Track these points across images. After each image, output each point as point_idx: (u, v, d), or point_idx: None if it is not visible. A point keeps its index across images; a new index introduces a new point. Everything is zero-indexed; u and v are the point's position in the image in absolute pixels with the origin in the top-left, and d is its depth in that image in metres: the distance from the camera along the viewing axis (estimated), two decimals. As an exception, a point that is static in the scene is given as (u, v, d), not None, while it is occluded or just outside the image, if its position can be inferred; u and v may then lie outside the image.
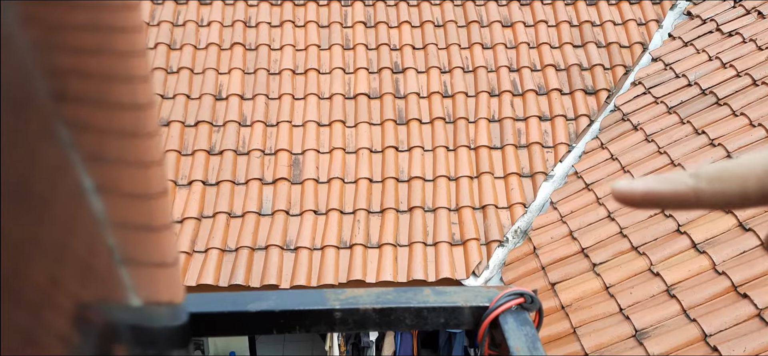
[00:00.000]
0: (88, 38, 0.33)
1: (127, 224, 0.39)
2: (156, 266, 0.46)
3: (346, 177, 4.42)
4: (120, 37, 0.37)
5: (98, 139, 0.34)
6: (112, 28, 0.36)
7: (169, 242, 0.47)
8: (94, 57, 0.34)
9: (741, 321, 2.95)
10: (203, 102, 4.74)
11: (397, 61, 5.03)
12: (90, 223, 0.33)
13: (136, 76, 0.40)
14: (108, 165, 0.36)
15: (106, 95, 0.35)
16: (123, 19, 0.38)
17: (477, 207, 4.27)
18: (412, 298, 0.81)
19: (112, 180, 0.36)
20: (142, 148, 0.41)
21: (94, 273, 0.34)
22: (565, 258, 3.72)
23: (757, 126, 3.85)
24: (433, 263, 4.02)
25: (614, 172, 4.10)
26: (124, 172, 0.39)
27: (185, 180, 4.39)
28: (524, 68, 4.94)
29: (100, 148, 0.35)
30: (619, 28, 5.15)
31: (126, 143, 0.39)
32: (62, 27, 0.30)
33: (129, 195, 0.40)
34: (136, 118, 0.40)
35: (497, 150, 4.56)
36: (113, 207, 0.36)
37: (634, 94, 4.61)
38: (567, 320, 3.37)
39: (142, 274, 0.42)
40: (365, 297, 0.82)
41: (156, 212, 0.44)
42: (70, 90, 0.31)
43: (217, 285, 3.95)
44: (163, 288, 0.47)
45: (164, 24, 5.14)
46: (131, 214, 0.40)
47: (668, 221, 3.57)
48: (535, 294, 0.79)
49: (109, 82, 0.36)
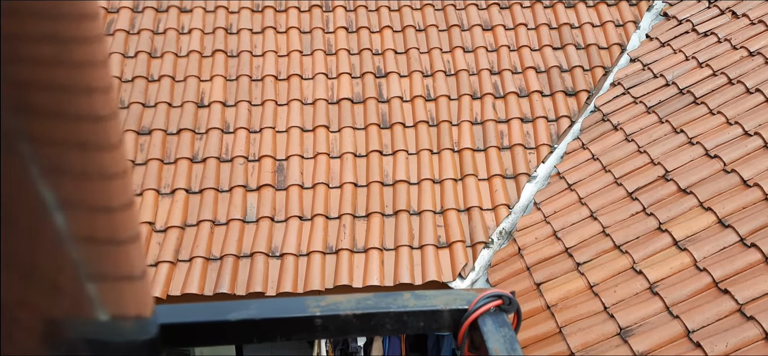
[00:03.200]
0: (47, 49, 0.32)
1: (91, 238, 0.38)
2: (122, 280, 0.45)
3: (330, 182, 4.42)
4: (79, 48, 0.37)
5: (59, 152, 0.34)
6: (71, 38, 0.36)
7: (135, 255, 0.46)
8: (52, 68, 0.33)
9: (723, 317, 2.99)
10: (185, 110, 4.71)
11: (380, 65, 5.05)
12: (54, 239, 0.32)
13: (96, 87, 0.39)
14: (70, 178, 0.35)
15: (66, 107, 0.35)
16: (81, 30, 0.37)
17: (462, 210, 4.29)
18: (392, 303, 0.82)
19: (75, 194, 0.36)
20: (105, 160, 0.41)
21: (61, 289, 0.34)
22: (549, 258, 3.75)
23: (733, 124, 3.92)
24: (420, 266, 4.03)
25: (596, 172, 4.15)
26: (87, 185, 0.38)
27: (168, 188, 4.35)
28: (505, 71, 4.98)
29: (61, 160, 0.34)
30: (598, 30, 5.22)
31: (87, 155, 0.38)
32: (19, 38, 0.29)
33: (92, 208, 0.39)
34: (97, 129, 0.39)
35: (480, 152, 4.59)
36: (76, 221, 0.35)
37: (613, 94, 4.67)
38: (553, 320, 3.39)
39: (109, 288, 0.41)
40: (345, 303, 0.82)
41: (121, 225, 0.43)
42: (29, 102, 0.30)
43: (203, 294, 3.92)
44: (130, 301, 0.46)
45: (145, 32, 5.10)
46: (95, 228, 0.39)
47: (650, 219, 3.62)
48: (513, 296, 0.79)
49: (68, 93, 0.35)
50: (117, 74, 4.86)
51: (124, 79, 4.87)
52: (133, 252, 0.46)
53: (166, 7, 5.27)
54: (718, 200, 3.50)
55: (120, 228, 0.44)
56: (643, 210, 3.69)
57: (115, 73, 4.85)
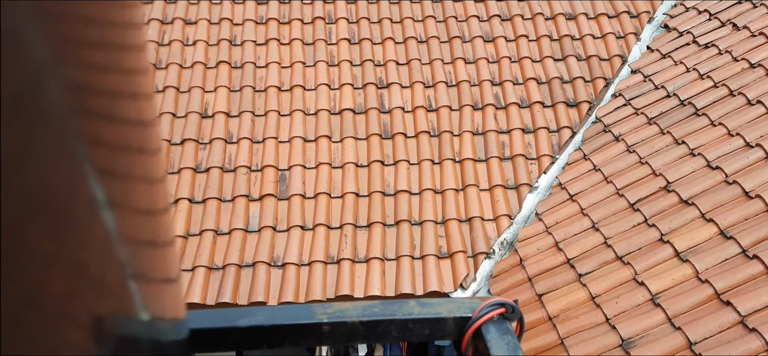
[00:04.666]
0: (100, 55, 0.34)
1: (135, 239, 0.40)
2: (162, 281, 0.46)
3: (332, 192, 4.43)
4: (128, 55, 0.38)
5: (109, 154, 0.35)
6: (121, 46, 0.37)
7: (173, 257, 0.48)
8: (106, 73, 0.35)
9: (725, 328, 2.99)
10: (189, 120, 4.74)
11: (382, 76, 5.08)
12: (103, 238, 0.34)
13: (142, 93, 0.40)
14: (117, 179, 0.36)
15: (116, 111, 0.36)
16: (129, 38, 0.39)
17: (463, 220, 4.30)
18: (397, 311, 0.83)
19: (122, 196, 0.37)
20: (149, 164, 0.42)
21: (108, 287, 0.35)
22: (551, 269, 3.75)
23: (735, 135, 3.93)
24: (421, 276, 4.04)
25: (597, 183, 4.16)
26: (133, 187, 0.39)
27: (171, 198, 4.37)
28: (506, 82, 5.00)
29: (111, 162, 0.35)
30: (599, 42, 5.25)
31: (134, 159, 0.39)
32: (76, 42, 0.31)
33: (137, 210, 0.40)
34: (142, 134, 0.41)
35: (482, 162, 4.60)
36: (123, 222, 0.36)
37: (614, 105, 4.69)
38: (554, 331, 3.39)
39: (150, 289, 0.43)
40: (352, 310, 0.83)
41: (161, 228, 0.45)
42: (86, 104, 0.32)
43: (204, 303, 3.92)
44: (168, 302, 0.47)
45: (149, 43, 5.14)
46: (139, 229, 0.41)
47: (651, 230, 3.62)
48: (516, 304, 0.81)
49: (118, 98, 0.37)
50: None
51: (128, 89, 4.90)
52: (170, 255, 0.47)
53: (171, 19, 5.31)
54: (719, 211, 3.51)
55: (160, 231, 0.45)
56: (645, 222, 3.70)
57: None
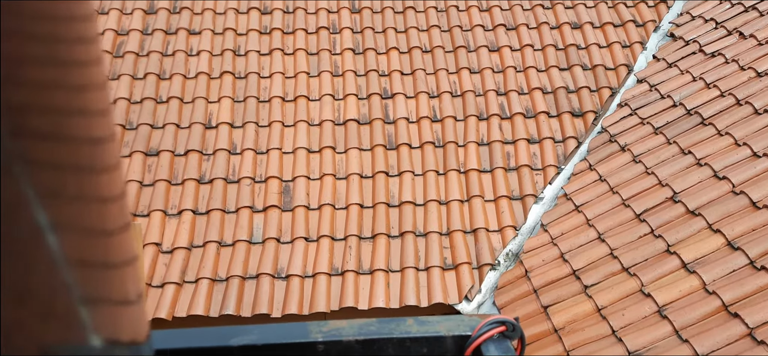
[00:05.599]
0: (43, 72, 0.32)
1: (86, 262, 0.38)
2: (117, 304, 0.45)
3: (336, 203, 4.41)
4: (76, 71, 0.37)
5: (55, 175, 0.34)
6: (69, 61, 0.36)
7: (131, 278, 0.46)
8: (49, 91, 0.33)
9: (733, 341, 2.95)
10: (193, 131, 4.74)
11: (386, 86, 5.07)
12: (48, 262, 0.32)
13: (94, 109, 0.39)
14: (65, 201, 0.35)
15: (63, 130, 0.35)
16: (79, 53, 0.37)
17: (468, 231, 4.27)
18: (394, 329, 0.81)
19: (70, 217, 0.36)
20: (101, 183, 0.40)
21: (55, 313, 0.34)
22: (556, 280, 3.71)
23: (742, 145, 3.90)
24: (426, 288, 4.01)
25: (603, 194, 4.13)
26: (82, 208, 0.38)
27: (175, 209, 4.36)
28: (512, 92, 4.99)
29: (57, 184, 0.34)
30: (604, 51, 5.23)
31: (83, 178, 0.38)
32: (17, 61, 0.29)
33: (87, 231, 0.39)
34: (94, 152, 0.39)
35: (487, 173, 4.58)
36: (71, 244, 0.35)
37: (620, 115, 4.66)
38: (560, 343, 3.35)
39: (103, 313, 0.41)
40: (348, 328, 0.81)
41: (116, 248, 0.43)
42: (26, 125, 0.30)
43: (208, 315, 3.90)
44: (124, 326, 0.46)
45: (154, 54, 5.16)
46: (90, 251, 0.39)
47: (658, 241, 3.58)
48: (516, 322, 0.79)
49: (65, 116, 0.35)
50: (126, 95, 4.91)
51: (133, 100, 4.91)
52: (128, 276, 0.46)
53: (175, 30, 5.34)
54: (727, 222, 3.47)
55: (116, 252, 0.43)
56: (652, 232, 3.66)
57: (124, 95, 4.90)
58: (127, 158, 4.60)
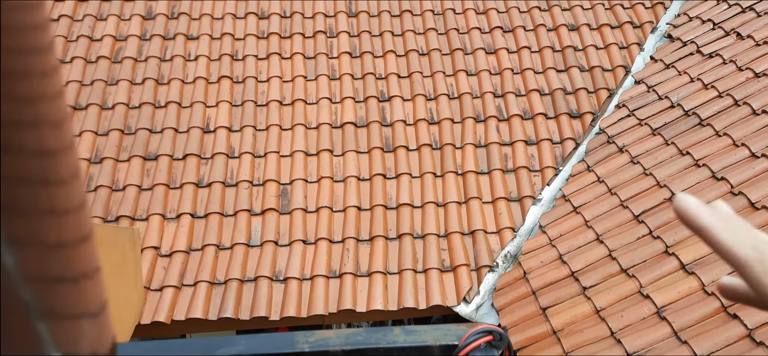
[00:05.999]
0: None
1: (42, 276, 0.38)
2: (77, 318, 0.44)
3: (334, 205, 4.41)
4: (25, 82, 0.36)
5: (5, 189, 0.33)
6: (14, 72, 0.35)
7: (91, 291, 0.45)
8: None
9: (732, 342, 2.94)
10: (191, 135, 4.74)
11: (383, 89, 5.07)
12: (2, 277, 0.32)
13: (44, 121, 0.38)
14: (18, 215, 0.34)
15: (12, 143, 0.34)
16: (28, 63, 0.36)
17: (466, 233, 4.27)
18: (381, 338, 0.81)
19: (23, 231, 0.35)
20: (55, 196, 0.40)
21: (10, 329, 0.33)
22: (555, 282, 3.71)
23: (740, 146, 3.89)
24: (424, 290, 4.00)
25: (602, 195, 4.12)
26: (36, 221, 0.37)
27: (174, 213, 4.36)
28: (509, 94, 4.98)
29: (8, 198, 0.33)
30: (602, 52, 5.22)
31: (36, 191, 0.37)
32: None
33: (43, 245, 0.38)
34: (46, 164, 0.38)
35: (484, 175, 4.57)
36: (25, 259, 0.34)
37: (618, 116, 4.66)
38: (559, 345, 3.34)
39: (62, 327, 0.40)
40: (334, 338, 0.81)
41: (74, 261, 0.43)
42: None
43: (207, 318, 3.90)
44: (85, 340, 0.45)
45: (152, 59, 5.16)
46: (46, 266, 0.39)
47: (656, 242, 3.58)
48: (504, 331, 0.78)
49: (12, 128, 0.34)
50: (125, 101, 4.91)
51: (131, 105, 4.92)
52: (88, 288, 0.45)
53: (173, 35, 5.34)
54: (725, 223, 3.46)
55: (73, 265, 0.43)
56: (650, 233, 3.66)
57: (122, 100, 4.90)
58: (126, 163, 4.60)
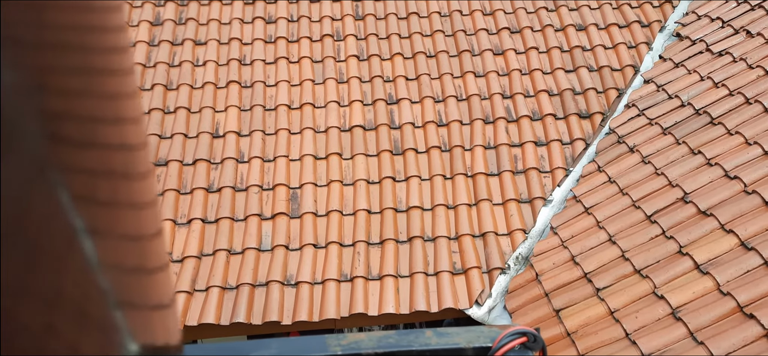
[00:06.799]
0: (77, 81, 0.33)
1: (120, 266, 0.39)
2: (151, 308, 0.45)
3: (344, 209, 4.41)
4: (109, 80, 0.37)
5: (89, 181, 0.34)
6: (102, 70, 0.36)
7: (164, 283, 0.46)
8: (83, 99, 0.34)
9: (749, 342, 2.92)
10: (200, 140, 4.75)
11: (391, 92, 5.07)
12: (83, 267, 0.33)
13: (126, 117, 0.40)
14: (99, 207, 0.36)
15: (96, 137, 0.35)
16: (112, 62, 0.38)
17: (477, 235, 4.25)
18: (414, 341, 0.80)
19: (104, 223, 0.36)
20: (134, 189, 0.41)
21: (89, 317, 0.34)
22: (568, 283, 3.69)
23: (752, 144, 3.86)
24: (436, 293, 3.99)
25: (613, 195, 4.10)
26: (116, 213, 0.38)
27: (184, 218, 4.37)
28: (517, 95, 4.97)
29: (91, 189, 0.34)
30: (610, 52, 5.21)
31: (117, 184, 0.39)
32: (51, 70, 0.30)
33: (122, 237, 0.39)
34: (127, 159, 0.40)
35: (494, 177, 4.56)
36: (106, 249, 0.35)
37: (628, 116, 4.64)
38: (573, 347, 3.33)
39: (138, 317, 0.41)
40: (367, 341, 0.80)
41: (150, 253, 0.44)
42: (60, 132, 0.31)
43: (219, 324, 3.90)
44: (159, 330, 0.46)
45: (160, 65, 5.18)
46: (125, 256, 0.40)
47: (670, 243, 3.55)
48: (537, 333, 0.77)
49: (98, 123, 0.36)
50: (133, 107, 4.93)
51: (140, 111, 4.93)
52: (161, 281, 0.46)
53: (181, 40, 5.36)
54: (739, 222, 3.44)
55: (149, 257, 0.44)
56: (663, 234, 3.63)
57: (131, 106, 4.92)
58: (135, 169, 4.62)
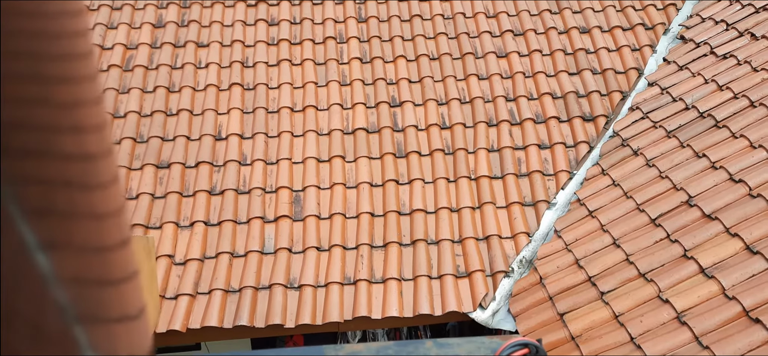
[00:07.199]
0: (26, 89, 0.32)
1: (80, 279, 0.38)
2: (115, 321, 0.44)
3: (347, 212, 4.40)
4: (66, 88, 0.36)
5: (43, 193, 0.33)
6: (54, 78, 0.35)
7: (130, 294, 0.45)
8: (35, 108, 0.32)
9: (755, 347, 2.89)
10: (203, 143, 4.75)
11: (394, 94, 5.06)
12: (37, 281, 0.32)
13: (85, 125, 0.38)
14: (56, 219, 0.34)
15: (52, 147, 0.34)
16: (70, 69, 0.36)
17: (480, 238, 4.24)
18: (413, 352, 0.79)
19: (61, 235, 0.35)
20: (95, 200, 0.40)
21: (45, 333, 0.33)
22: (572, 287, 3.67)
23: (757, 147, 3.84)
24: (439, 296, 3.97)
25: (617, 198, 4.08)
26: (75, 225, 0.37)
27: (187, 221, 4.37)
28: (521, 97, 4.96)
29: (46, 201, 0.33)
30: (614, 55, 5.19)
31: (75, 195, 0.37)
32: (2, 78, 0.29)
33: (81, 249, 0.38)
34: (86, 169, 0.39)
35: (498, 179, 4.55)
36: (63, 262, 0.34)
37: (632, 119, 4.62)
38: (578, 351, 3.31)
39: (101, 331, 0.40)
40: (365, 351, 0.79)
41: (114, 264, 0.43)
42: (11, 143, 0.30)
43: (222, 327, 3.89)
44: (124, 343, 0.45)
45: (163, 67, 5.19)
46: (85, 269, 0.39)
47: (674, 246, 3.53)
48: (539, 344, 0.76)
49: (54, 133, 0.34)
50: (136, 109, 4.93)
51: (143, 113, 4.94)
52: (127, 292, 0.45)
53: (184, 43, 5.36)
54: (744, 225, 3.42)
55: (112, 268, 0.43)
56: (668, 237, 3.61)
57: (134, 108, 4.92)
58: (139, 171, 4.61)
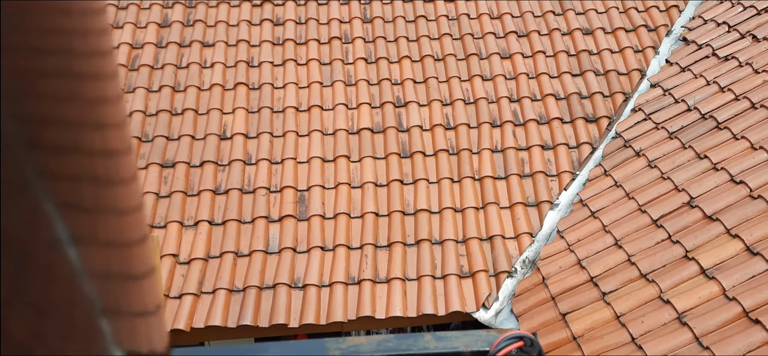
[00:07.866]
0: (59, 86, 0.33)
1: (105, 274, 0.38)
2: (137, 315, 0.44)
3: (352, 212, 4.43)
4: (92, 84, 0.37)
5: (72, 188, 0.34)
6: (84, 74, 0.36)
7: (149, 290, 0.46)
8: (65, 104, 0.33)
9: (755, 348, 2.91)
10: (208, 142, 4.79)
11: (399, 95, 5.09)
12: (68, 274, 0.33)
13: (109, 123, 0.39)
14: (84, 214, 0.35)
15: (79, 142, 0.35)
16: (94, 66, 0.37)
17: (484, 238, 4.26)
18: (412, 345, 0.82)
19: (89, 230, 0.36)
20: (118, 195, 0.40)
21: (76, 326, 0.34)
22: (574, 287, 3.69)
23: (758, 149, 3.85)
24: (443, 296, 4.00)
25: (619, 199, 4.10)
26: (101, 220, 0.38)
27: (191, 220, 4.41)
28: (524, 98, 4.98)
29: (75, 196, 0.34)
30: (617, 56, 5.20)
31: (101, 191, 0.38)
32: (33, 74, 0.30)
33: (106, 243, 0.39)
34: (111, 164, 0.39)
35: (501, 180, 4.57)
36: (90, 256, 0.35)
37: (634, 120, 4.63)
38: (580, 351, 3.33)
39: (123, 325, 0.41)
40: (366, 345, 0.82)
41: (135, 259, 0.43)
42: (41, 138, 0.31)
43: (226, 326, 3.93)
44: (144, 338, 0.46)
45: (168, 67, 5.23)
46: (109, 263, 0.39)
47: (676, 247, 3.55)
48: (534, 337, 0.79)
49: (81, 129, 0.35)
50: (141, 108, 4.97)
51: (148, 113, 4.98)
52: (146, 287, 0.46)
53: (189, 42, 5.40)
54: (745, 227, 3.43)
55: (134, 263, 0.43)
56: (669, 238, 3.63)
57: (139, 107, 4.97)
58: (144, 170, 4.65)
